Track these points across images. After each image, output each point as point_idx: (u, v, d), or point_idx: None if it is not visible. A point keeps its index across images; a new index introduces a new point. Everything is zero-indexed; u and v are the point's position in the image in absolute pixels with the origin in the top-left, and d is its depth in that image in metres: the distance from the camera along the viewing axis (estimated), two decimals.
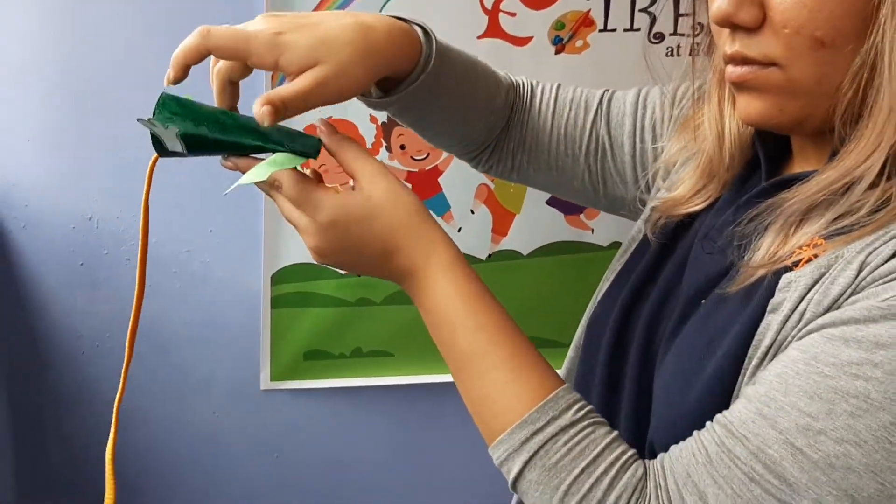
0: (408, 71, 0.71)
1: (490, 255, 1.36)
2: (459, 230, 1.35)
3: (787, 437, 0.50)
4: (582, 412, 0.59)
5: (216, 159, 0.68)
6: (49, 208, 1.26)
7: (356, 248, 0.64)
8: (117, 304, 1.31)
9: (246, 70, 0.67)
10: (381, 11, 1.24)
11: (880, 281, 0.51)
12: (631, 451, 0.59)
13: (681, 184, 0.72)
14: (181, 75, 0.67)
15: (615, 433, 0.60)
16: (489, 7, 1.26)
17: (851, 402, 0.49)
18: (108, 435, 0.72)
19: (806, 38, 0.54)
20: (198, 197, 1.29)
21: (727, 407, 0.56)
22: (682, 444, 0.57)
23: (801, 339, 0.53)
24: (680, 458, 0.56)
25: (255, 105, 0.63)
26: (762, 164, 0.65)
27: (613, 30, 1.29)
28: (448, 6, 1.25)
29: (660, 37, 1.29)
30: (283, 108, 0.63)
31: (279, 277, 1.32)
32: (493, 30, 1.27)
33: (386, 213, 0.64)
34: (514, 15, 1.27)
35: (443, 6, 1.25)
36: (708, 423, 0.56)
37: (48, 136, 1.24)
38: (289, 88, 0.63)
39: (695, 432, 0.56)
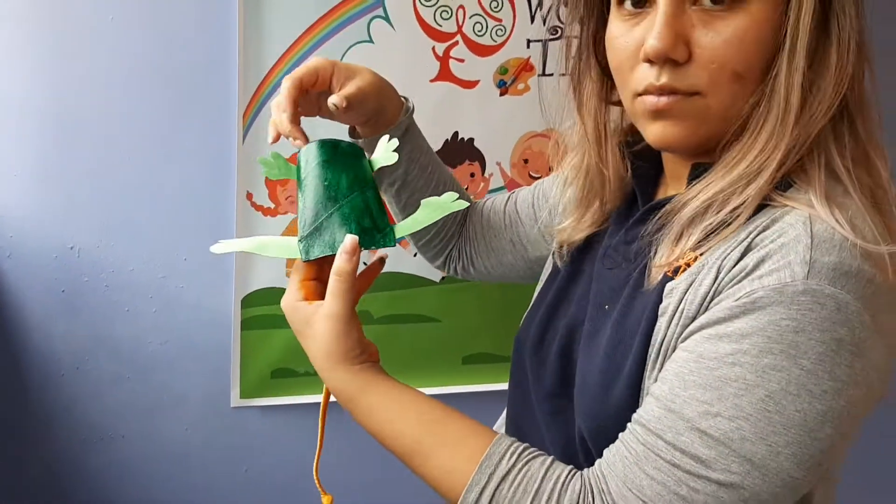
0: (393, 117, 0.95)
1: (443, 278, 1.48)
2: (415, 255, 1.46)
3: (693, 423, 0.61)
4: (514, 457, 0.67)
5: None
6: (33, 239, 1.34)
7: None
8: (96, 329, 1.39)
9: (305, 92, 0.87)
10: (342, 58, 1.36)
11: (734, 281, 0.62)
12: (567, 471, 0.67)
13: (570, 215, 0.85)
14: (294, 109, 0.84)
15: (549, 461, 0.67)
16: (440, 54, 1.40)
17: (734, 386, 0.60)
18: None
19: (728, 72, 0.64)
20: (173, 226, 1.38)
21: (639, 397, 0.67)
22: (612, 448, 0.66)
23: (684, 339, 0.64)
24: (614, 463, 0.64)
25: (331, 98, 0.86)
26: (638, 196, 0.77)
27: (551, 74, 1.43)
28: (403, 52, 1.39)
29: None
30: (346, 100, 0.86)
31: (249, 301, 1.41)
32: (444, 74, 1.41)
33: (312, 343, 0.75)
34: (462, 61, 1.41)
35: (398, 52, 1.38)
36: (629, 425, 0.66)
37: (34, 170, 1.33)
38: (345, 90, 0.87)
39: (620, 435, 0.66)
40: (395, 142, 0.81)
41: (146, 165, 1.36)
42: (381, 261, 0.81)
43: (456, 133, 1.44)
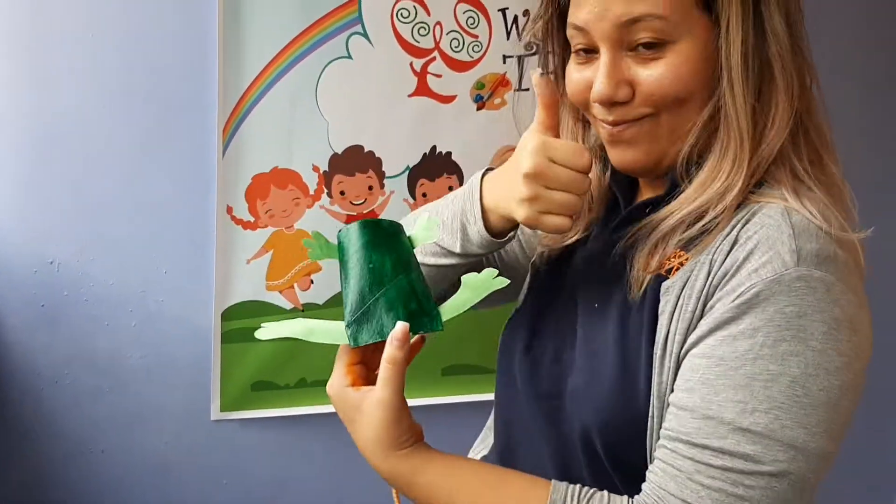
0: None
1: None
2: None
3: (734, 424, 0.64)
4: (576, 499, 0.69)
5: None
6: (13, 254, 1.34)
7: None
8: (75, 343, 1.39)
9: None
10: (321, 74, 1.38)
11: (727, 276, 0.66)
12: (626, 501, 0.69)
13: None
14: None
15: (607, 496, 0.69)
16: (418, 69, 1.42)
17: (761, 379, 0.64)
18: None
19: (669, 99, 0.71)
20: (153, 240, 1.39)
21: (650, 394, 0.69)
22: (656, 470, 0.68)
23: (694, 344, 0.67)
24: (667, 484, 0.66)
25: None
26: (620, 200, 0.80)
27: (527, 89, 1.46)
28: (382, 68, 1.41)
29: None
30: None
31: (229, 314, 1.42)
32: (422, 89, 1.43)
33: (362, 430, 0.72)
34: (440, 76, 1.43)
35: (377, 68, 1.40)
36: (667, 443, 0.68)
37: (13, 185, 1.33)
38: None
39: (659, 454, 0.68)
40: (437, 220, 0.80)
41: (127, 180, 1.37)
42: (423, 339, 0.79)
43: (434, 147, 1.46)
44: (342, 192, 1.43)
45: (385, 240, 0.76)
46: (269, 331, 0.76)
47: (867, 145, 1.71)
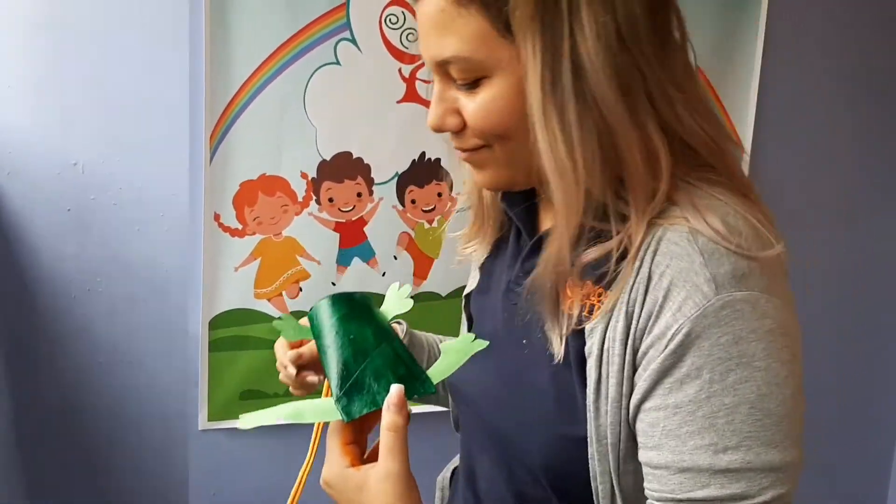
0: None
1: (412, 297, 1.49)
2: (384, 274, 1.47)
3: (712, 468, 0.63)
4: None
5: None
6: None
7: None
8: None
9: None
10: (309, 80, 1.38)
11: (651, 318, 0.65)
12: None
13: (468, 225, 0.88)
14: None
15: None
16: (407, 75, 1.42)
17: (721, 415, 0.63)
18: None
19: (492, 134, 0.70)
20: (141, 246, 1.38)
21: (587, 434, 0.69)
22: None
23: (645, 399, 0.66)
24: None
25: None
26: (521, 228, 0.79)
27: None
28: (370, 74, 1.40)
29: None
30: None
31: (216, 322, 1.41)
32: (411, 95, 1.43)
33: None
34: (429, 82, 1.42)
35: (365, 74, 1.40)
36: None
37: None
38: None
39: None
40: (408, 287, 0.81)
41: (114, 184, 1.36)
42: (408, 413, 0.74)
43: (423, 153, 1.45)
44: (331, 199, 1.42)
45: (360, 311, 0.76)
46: (252, 420, 0.73)
47: (864, 145, 1.71)
